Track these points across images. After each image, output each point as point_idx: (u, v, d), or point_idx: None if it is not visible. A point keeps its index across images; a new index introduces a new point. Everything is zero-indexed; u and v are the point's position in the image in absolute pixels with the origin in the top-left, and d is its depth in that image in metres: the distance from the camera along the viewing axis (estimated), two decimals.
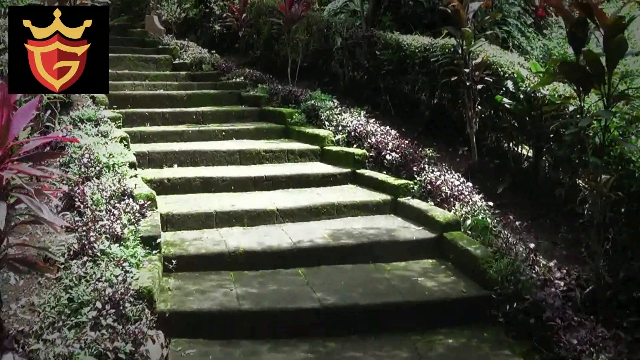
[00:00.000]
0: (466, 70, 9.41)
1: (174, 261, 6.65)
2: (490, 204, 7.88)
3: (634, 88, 7.17)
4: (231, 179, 8.99)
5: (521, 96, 8.91)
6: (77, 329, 5.07)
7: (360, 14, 14.03)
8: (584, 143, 6.81)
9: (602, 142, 6.46)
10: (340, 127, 10.64)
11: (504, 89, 9.27)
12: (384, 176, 9.06)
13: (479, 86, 9.50)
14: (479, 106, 9.61)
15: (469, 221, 7.43)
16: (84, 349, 4.82)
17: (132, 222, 6.86)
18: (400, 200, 8.46)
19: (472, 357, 5.75)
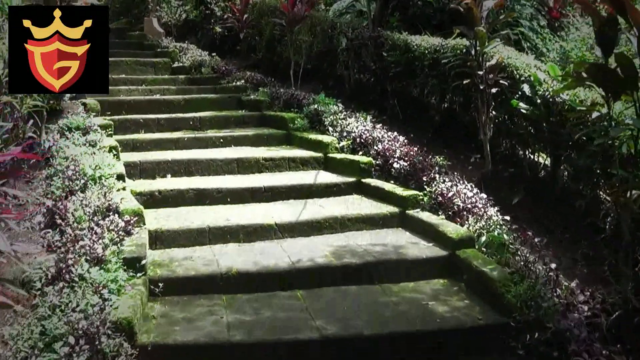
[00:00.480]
0: (480, 72, 8.80)
1: (160, 284, 6.12)
2: (507, 218, 7.26)
3: None
4: (227, 190, 8.43)
5: (538, 101, 8.36)
6: None
7: (367, 14, 13.46)
8: (608, 152, 6.19)
9: (635, 153, 5.81)
10: (345, 133, 10.06)
11: (520, 93, 8.72)
12: (391, 186, 8.47)
13: (493, 90, 8.89)
14: (493, 111, 8.99)
15: (483, 237, 6.81)
16: None
17: (115, 241, 6.36)
18: (409, 212, 7.87)
19: None
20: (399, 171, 8.62)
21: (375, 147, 9.28)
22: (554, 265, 6.12)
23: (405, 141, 9.54)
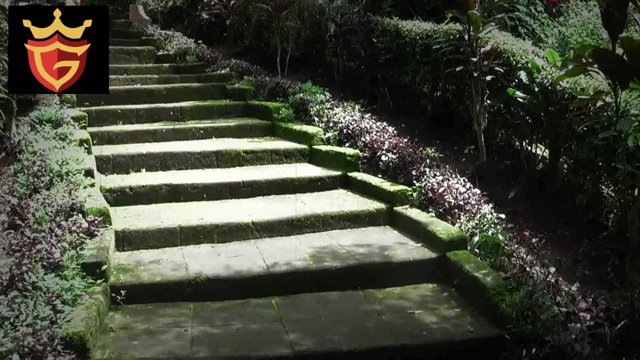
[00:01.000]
0: (473, 59, 8.25)
1: (123, 292, 5.61)
2: (502, 216, 6.69)
3: None
4: (203, 186, 7.88)
5: (536, 89, 7.83)
6: None
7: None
8: (612, 145, 5.63)
9: None
10: (331, 124, 9.51)
11: (517, 80, 8.19)
12: (378, 180, 7.91)
13: (488, 77, 8.40)
14: (487, 100, 8.43)
15: (476, 238, 6.23)
16: None
17: (75, 244, 5.85)
18: (397, 209, 7.32)
19: None
20: (387, 164, 8.06)
21: (362, 139, 8.73)
22: (553, 269, 5.58)
23: (395, 132, 9.02)
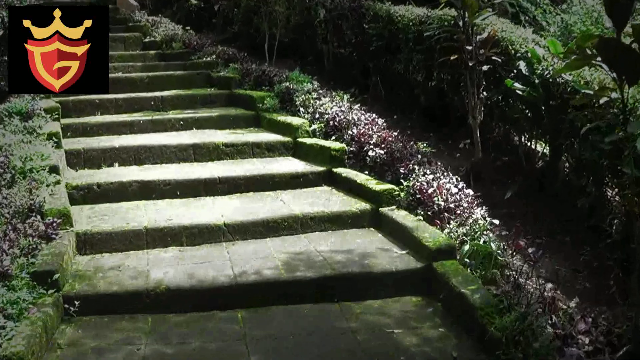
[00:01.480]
0: (468, 47, 7.67)
1: (77, 302, 5.12)
2: (496, 222, 6.08)
3: None
4: (176, 183, 7.35)
5: (537, 81, 7.26)
6: None
7: None
8: (619, 146, 5.05)
9: None
10: (317, 115, 8.94)
11: (516, 71, 7.62)
12: (364, 178, 7.34)
13: (485, 67, 7.82)
14: (484, 92, 7.86)
15: (467, 246, 5.63)
16: None
17: (28, 250, 5.39)
18: (383, 211, 6.74)
19: None
20: (374, 160, 7.49)
21: (350, 132, 8.15)
22: (549, 286, 5.02)
23: (385, 125, 8.46)
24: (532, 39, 8.16)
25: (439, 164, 7.31)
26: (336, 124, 8.46)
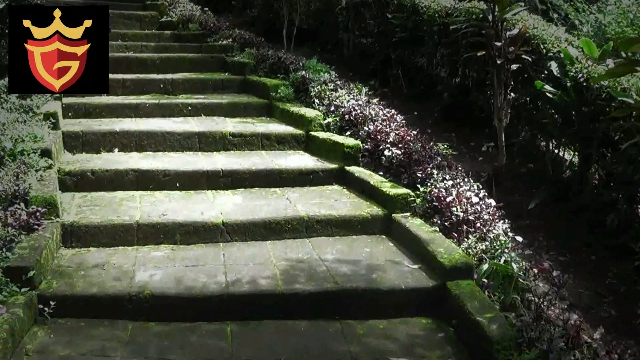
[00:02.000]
0: (497, 43, 7.14)
1: (52, 303, 4.66)
2: (519, 239, 5.52)
3: None
4: (176, 173, 6.87)
5: (569, 84, 6.77)
6: None
7: None
8: None
9: None
10: (332, 107, 8.40)
11: (546, 72, 7.19)
12: (378, 179, 6.79)
13: (514, 66, 7.28)
14: (511, 92, 7.30)
15: (485, 265, 5.06)
16: None
17: (4, 242, 4.94)
18: (396, 217, 6.19)
19: None
20: (390, 160, 6.97)
21: (366, 128, 7.62)
22: (575, 316, 4.47)
23: (404, 122, 7.94)
24: (565, 38, 7.70)
25: (460, 168, 6.78)
26: (352, 118, 7.94)
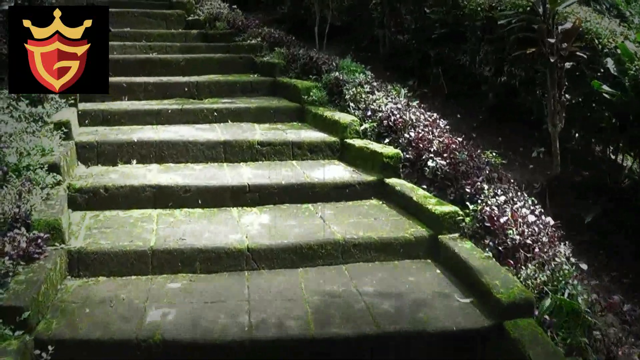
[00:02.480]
0: (550, 39, 6.49)
1: (50, 348, 4.10)
2: (584, 267, 4.83)
3: None
4: (197, 189, 6.27)
5: (627, 83, 6.16)
6: None
7: None
8: None
9: None
10: (369, 112, 7.74)
11: (603, 70, 6.60)
12: (422, 195, 6.13)
13: (567, 64, 6.57)
14: (566, 94, 6.61)
15: (548, 301, 4.38)
16: None
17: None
18: (443, 239, 5.52)
19: None
20: (434, 172, 6.33)
21: (406, 135, 6.96)
22: None
23: (447, 128, 7.28)
24: (620, 32, 7.12)
25: (512, 180, 6.11)
26: (390, 124, 7.29)
